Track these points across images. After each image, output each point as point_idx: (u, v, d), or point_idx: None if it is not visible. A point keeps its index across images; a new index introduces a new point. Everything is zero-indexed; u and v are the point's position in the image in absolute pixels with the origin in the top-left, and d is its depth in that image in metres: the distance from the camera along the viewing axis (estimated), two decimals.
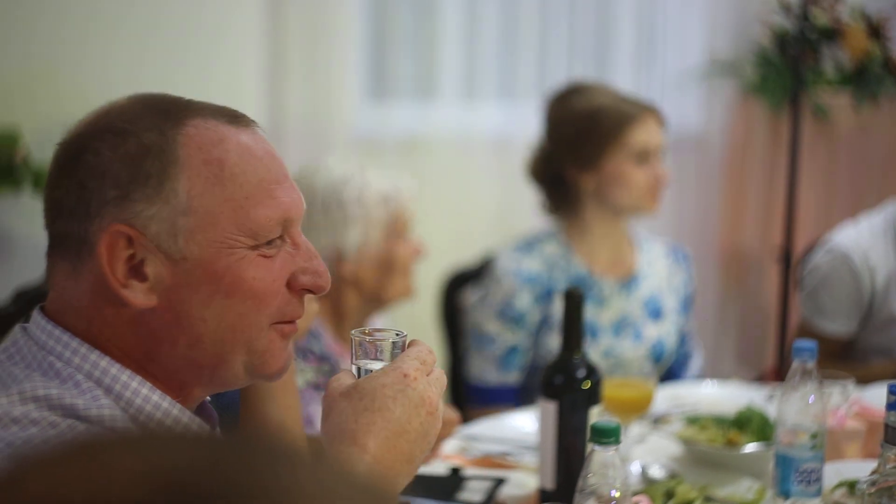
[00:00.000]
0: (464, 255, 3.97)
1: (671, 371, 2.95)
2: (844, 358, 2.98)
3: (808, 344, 1.86)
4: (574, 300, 1.88)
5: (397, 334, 1.31)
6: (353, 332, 1.30)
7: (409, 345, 1.30)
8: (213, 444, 0.59)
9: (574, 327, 1.90)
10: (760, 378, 4.32)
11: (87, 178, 1.22)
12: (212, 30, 3.97)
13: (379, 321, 2.51)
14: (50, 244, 1.27)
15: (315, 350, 2.26)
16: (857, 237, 2.94)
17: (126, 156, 1.21)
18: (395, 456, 1.22)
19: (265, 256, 1.25)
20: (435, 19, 4.31)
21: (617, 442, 1.49)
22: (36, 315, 1.27)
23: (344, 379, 1.27)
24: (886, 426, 1.41)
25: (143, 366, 1.24)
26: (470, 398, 2.78)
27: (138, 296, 1.21)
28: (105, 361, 1.23)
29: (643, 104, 2.80)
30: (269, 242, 1.25)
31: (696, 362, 3.00)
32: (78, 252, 1.23)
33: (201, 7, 3.94)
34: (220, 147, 1.24)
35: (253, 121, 1.31)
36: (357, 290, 2.34)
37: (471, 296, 2.96)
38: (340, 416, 1.23)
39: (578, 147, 2.77)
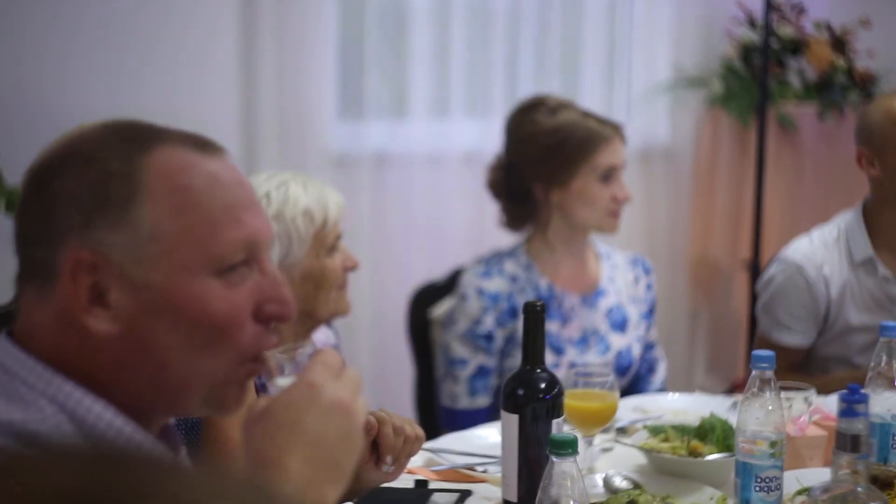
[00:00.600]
0: (436, 269, 4.00)
1: (636, 382, 2.98)
2: (804, 369, 3.01)
3: (765, 353, 1.89)
4: (534, 314, 1.91)
5: (313, 346, 1.32)
6: (266, 352, 1.29)
7: (313, 354, 1.29)
8: (124, 465, 0.61)
9: (535, 340, 1.92)
10: (732, 388, 4.36)
11: (52, 203, 1.22)
12: (186, 49, 4.00)
13: (321, 335, 2.50)
14: (19, 269, 1.27)
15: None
16: (809, 248, 2.98)
17: (91, 182, 1.21)
18: (318, 467, 1.21)
19: (230, 285, 1.25)
20: (406, 38, 4.35)
21: (574, 453, 1.52)
22: (2, 339, 1.27)
23: (259, 403, 1.26)
24: (838, 433, 1.43)
25: (107, 391, 1.23)
26: (443, 421, 2.80)
27: (101, 323, 1.21)
28: (69, 386, 1.22)
29: (611, 124, 2.83)
30: (234, 269, 1.25)
31: (660, 373, 3.03)
32: (44, 277, 1.23)
33: (175, 24, 3.97)
34: (186, 174, 1.24)
35: (221, 148, 1.31)
36: None
37: (438, 311, 2.98)
38: (258, 442, 1.22)
39: (546, 164, 2.79)
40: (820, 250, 2.97)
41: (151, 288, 1.21)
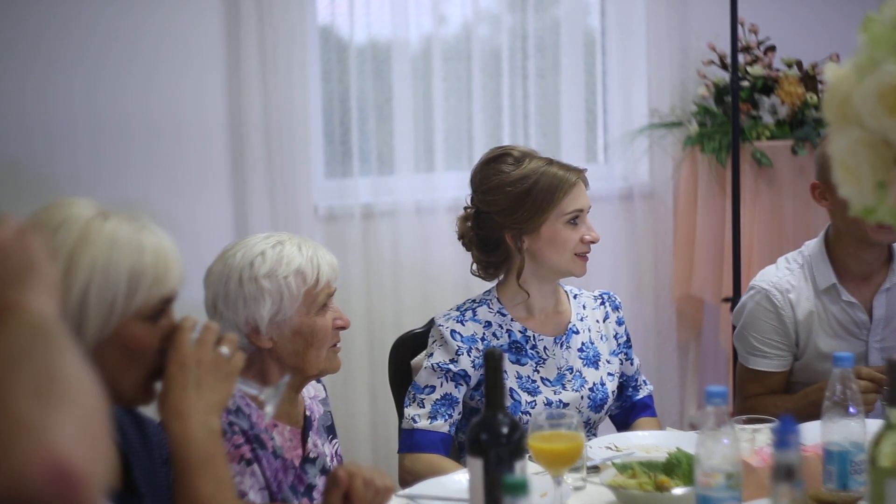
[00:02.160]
0: (427, 318, 4.08)
1: (625, 413, 3.05)
2: (787, 392, 3.08)
3: (718, 389, 1.96)
4: (494, 360, 1.98)
5: None
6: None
7: None
8: None
9: (496, 386, 1.99)
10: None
11: None
12: (175, 111, 4.11)
13: (310, 390, 2.59)
14: None
15: (243, 425, 2.34)
16: (775, 275, 3.08)
17: None
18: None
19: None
20: (389, 95, 4.46)
21: (525, 494, 1.59)
22: None
23: None
24: (774, 465, 1.50)
25: None
26: (400, 444, 2.86)
27: None
28: None
29: (574, 169, 2.88)
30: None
31: (646, 388, 3.09)
32: None
33: (162, 88, 4.08)
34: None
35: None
36: (278, 363, 2.41)
37: (418, 359, 3.05)
38: None
39: (515, 212, 2.85)
40: (785, 276, 3.07)
41: None
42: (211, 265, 2.39)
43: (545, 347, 2.89)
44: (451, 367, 2.82)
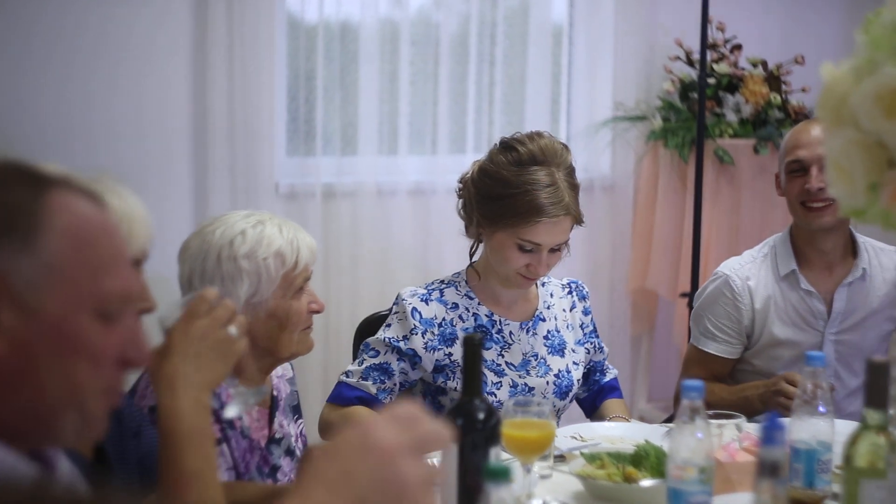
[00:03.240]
0: (384, 300, 4.06)
1: (592, 396, 3.06)
2: (730, 381, 3.13)
3: (695, 383, 1.96)
4: (472, 346, 1.97)
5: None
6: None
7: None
8: None
9: (474, 371, 1.98)
10: (672, 416, 4.44)
11: None
12: (139, 84, 4.06)
13: (278, 369, 2.56)
14: None
15: (213, 405, 2.31)
16: (738, 263, 3.16)
17: None
18: (340, 499, 1.17)
19: (108, 325, 1.30)
20: (355, 76, 4.44)
21: (508, 481, 1.58)
22: None
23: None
24: (759, 461, 1.51)
25: None
26: (331, 394, 2.86)
27: None
28: None
29: (562, 208, 2.73)
30: (110, 313, 1.31)
31: (612, 371, 3.10)
32: None
33: (130, 61, 4.03)
34: (82, 218, 1.30)
35: (105, 201, 1.37)
36: (251, 345, 2.39)
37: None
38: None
39: (481, 206, 2.81)
40: (748, 265, 3.14)
41: (42, 316, 1.25)
42: (188, 240, 2.35)
43: (511, 332, 2.89)
44: (401, 344, 2.81)
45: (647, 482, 2.20)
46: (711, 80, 4.68)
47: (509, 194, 2.74)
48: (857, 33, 1.67)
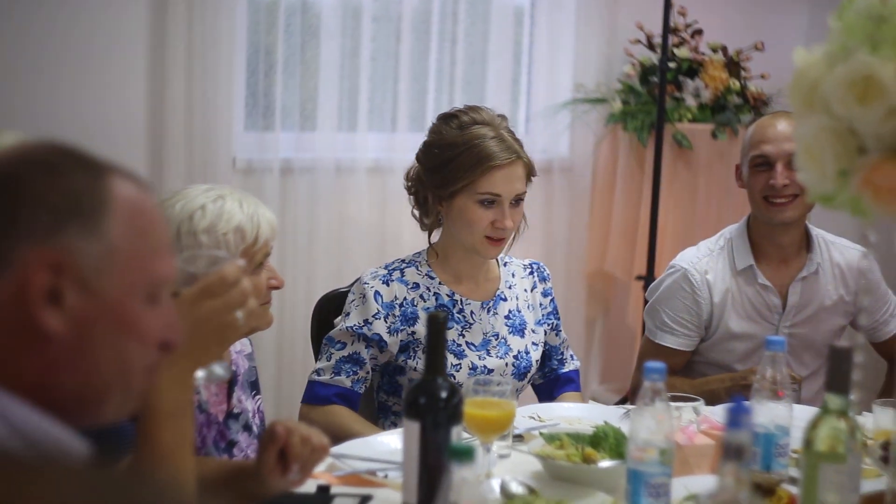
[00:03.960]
0: (341, 278, 4.04)
1: (549, 385, 3.05)
2: (685, 373, 3.14)
3: (657, 365, 1.97)
4: (436, 324, 1.96)
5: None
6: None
7: None
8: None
9: (437, 350, 1.98)
10: (625, 398, 4.47)
11: (17, 202, 1.26)
12: (95, 55, 4.00)
13: (237, 344, 2.53)
14: None
15: None
16: (695, 256, 3.14)
17: (64, 190, 1.28)
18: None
19: (154, 307, 1.35)
20: (315, 51, 4.40)
21: (472, 461, 1.58)
22: None
23: None
24: (724, 443, 1.51)
25: (31, 392, 1.26)
26: (304, 395, 2.84)
27: (53, 321, 1.26)
28: None
29: (511, 152, 2.78)
30: (157, 296, 1.36)
31: (573, 362, 3.10)
32: None
33: (84, 30, 3.97)
34: (139, 204, 1.34)
35: (151, 187, 1.41)
36: None
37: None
38: None
39: (434, 176, 2.81)
40: (705, 258, 3.12)
41: (102, 297, 1.29)
42: None
43: (472, 312, 2.88)
44: (364, 330, 2.79)
45: (605, 463, 2.21)
46: (672, 65, 4.69)
47: (458, 153, 2.77)
48: (830, 19, 1.67)
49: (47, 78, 3.91)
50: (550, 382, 3.06)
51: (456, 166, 2.76)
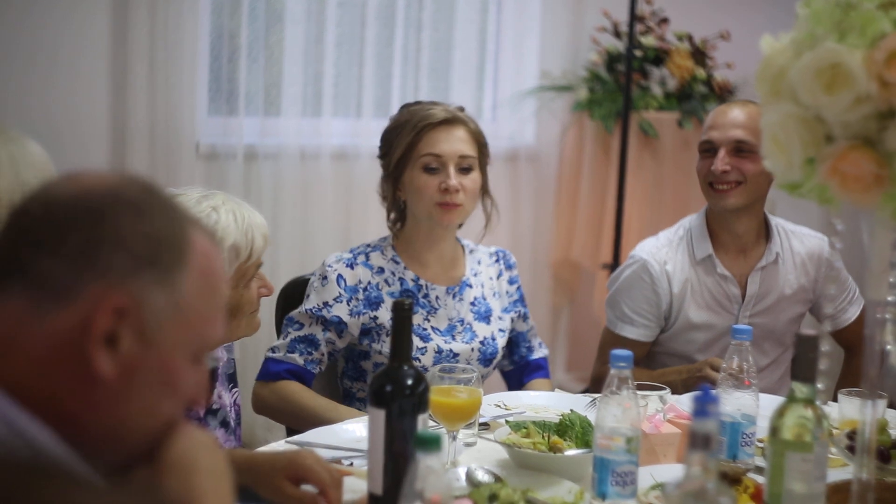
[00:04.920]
0: (305, 265, 4.02)
1: (518, 371, 3.05)
2: (645, 363, 3.14)
3: (623, 353, 1.97)
4: (402, 311, 1.95)
5: None
6: None
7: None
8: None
9: (402, 338, 1.96)
10: (590, 387, 4.47)
11: (99, 237, 1.24)
12: (57, 37, 3.95)
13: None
14: (5, 269, 1.26)
15: None
16: (655, 246, 3.13)
17: (147, 234, 1.26)
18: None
19: (194, 367, 1.34)
20: (279, 35, 4.37)
21: (438, 449, 1.56)
22: None
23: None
24: (691, 432, 1.50)
25: (61, 423, 1.24)
26: (259, 372, 2.83)
27: (104, 363, 1.24)
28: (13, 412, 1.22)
29: (445, 114, 2.81)
30: (200, 358, 1.35)
31: (542, 349, 3.10)
32: (54, 297, 1.23)
33: (46, 13, 3.91)
34: (212, 262, 1.34)
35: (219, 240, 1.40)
36: None
37: None
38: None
39: (385, 158, 2.85)
40: (664, 248, 3.12)
41: (155, 349, 1.27)
42: None
43: (437, 297, 2.87)
44: (324, 312, 2.78)
45: (572, 451, 2.20)
46: (638, 53, 4.69)
47: (400, 126, 2.81)
48: (798, 7, 1.67)
49: (3, 63, 3.86)
50: (520, 369, 3.06)
51: (400, 138, 2.80)
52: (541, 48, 4.85)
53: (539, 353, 3.07)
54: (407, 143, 2.78)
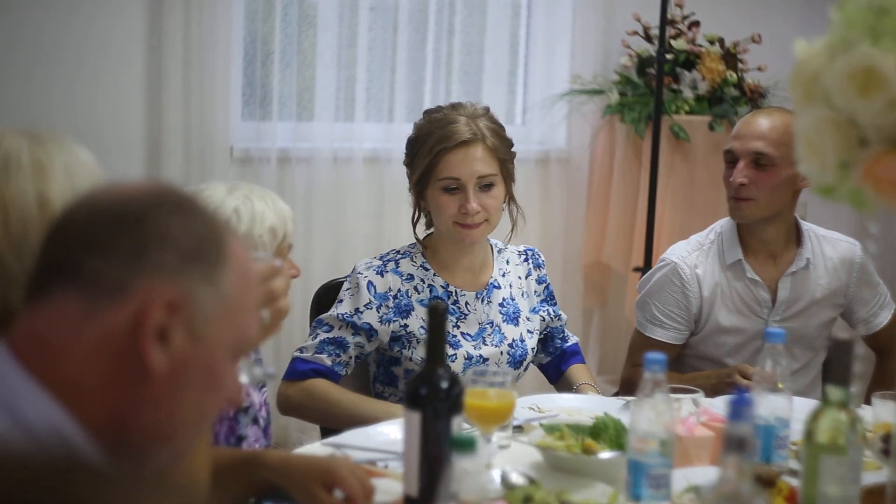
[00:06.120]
0: (338, 268, 4.04)
1: (556, 361, 3.06)
2: (675, 367, 3.14)
3: (658, 356, 1.97)
4: (437, 314, 1.96)
5: None
6: None
7: None
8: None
9: (437, 340, 1.98)
10: (619, 389, 4.47)
11: (147, 235, 1.27)
12: (93, 45, 3.99)
13: None
14: (57, 272, 1.28)
15: None
16: (686, 250, 3.14)
17: (192, 233, 1.30)
18: None
19: (232, 364, 1.37)
20: (312, 40, 4.40)
21: (474, 452, 1.58)
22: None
23: None
24: (726, 435, 1.51)
25: (106, 424, 1.25)
26: (286, 372, 2.85)
27: (157, 358, 1.26)
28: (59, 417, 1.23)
29: (468, 132, 2.75)
30: (237, 355, 1.38)
31: (575, 346, 3.11)
32: (106, 294, 1.26)
33: (82, 22, 3.96)
34: (247, 262, 1.38)
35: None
36: None
37: None
38: None
39: (410, 170, 2.85)
40: (695, 252, 3.12)
41: (203, 345, 1.30)
42: None
43: (466, 303, 2.88)
44: (355, 319, 2.80)
45: (606, 454, 2.21)
46: (669, 56, 4.69)
47: (422, 141, 2.78)
48: (831, 11, 1.67)
49: (45, 69, 3.91)
50: (557, 359, 3.07)
51: (421, 156, 2.78)
52: (571, 52, 4.86)
53: (571, 340, 3.10)
54: (426, 164, 2.77)
